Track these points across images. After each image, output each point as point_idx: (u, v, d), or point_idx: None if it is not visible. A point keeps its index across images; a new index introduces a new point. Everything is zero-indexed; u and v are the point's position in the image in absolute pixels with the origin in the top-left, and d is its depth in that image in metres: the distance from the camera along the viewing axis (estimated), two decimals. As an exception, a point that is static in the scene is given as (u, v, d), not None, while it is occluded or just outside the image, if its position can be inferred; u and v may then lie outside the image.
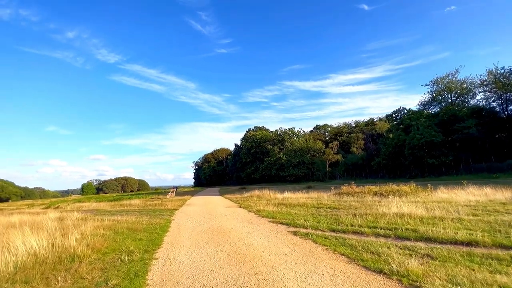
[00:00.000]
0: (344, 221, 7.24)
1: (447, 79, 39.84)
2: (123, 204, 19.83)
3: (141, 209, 14.51)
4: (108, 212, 13.72)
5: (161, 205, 16.10)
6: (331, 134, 72.83)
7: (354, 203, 11.65)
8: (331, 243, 5.14)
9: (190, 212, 11.51)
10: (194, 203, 16.44)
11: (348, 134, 65.30)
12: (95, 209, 17.47)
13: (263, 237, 5.90)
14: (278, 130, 67.30)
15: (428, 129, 32.80)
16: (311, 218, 8.06)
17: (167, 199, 23.38)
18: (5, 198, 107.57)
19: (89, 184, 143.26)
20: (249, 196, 18.16)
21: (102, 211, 15.34)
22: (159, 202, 17.85)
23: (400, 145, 35.95)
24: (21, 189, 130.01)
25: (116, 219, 9.46)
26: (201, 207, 13.51)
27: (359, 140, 59.98)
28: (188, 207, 14.27)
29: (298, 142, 59.38)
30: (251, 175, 65.10)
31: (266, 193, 18.30)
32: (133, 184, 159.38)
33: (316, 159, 54.73)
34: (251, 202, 14.53)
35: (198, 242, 5.69)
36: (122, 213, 12.82)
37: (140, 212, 12.57)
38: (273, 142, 63.94)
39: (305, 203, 12.64)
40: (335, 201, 13.04)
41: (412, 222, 6.55)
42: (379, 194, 13.60)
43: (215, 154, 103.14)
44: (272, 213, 9.65)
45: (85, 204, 23.76)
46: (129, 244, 5.71)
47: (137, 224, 8.14)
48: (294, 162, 55.13)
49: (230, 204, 14.39)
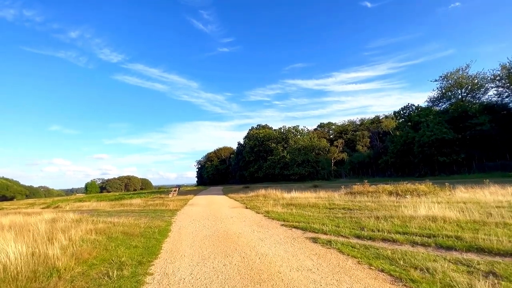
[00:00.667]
0: (367, 225, 6.36)
1: (458, 75, 38.47)
2: (124, 204, 19.13)
3: (141, 209, 13.76)
4: (107, 213, 12.98)
5: (163, 205, 15.33)
6: (335, 132, 71.69)
7: (370, 204, 10.74)
8: (361, 254, 4.27)
9: (193, 214, 10.69)
10: (197, 203, 15.65)
11: (353, 132, 64.10)
12: (94, 209, 16.78)
13: (278, 245, 5.05)
14: (282, 128, 66.28)
15: (438, 126, 31.64)
16: (328, 221, 7.19)
17: (169, 198, 22.64)
18: (10, 197, 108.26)
19: (92, 183, 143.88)
20: (254, 196, 17.32)
21: (101, 211, 14.62)
22: (160, 202, 17.09)
23: (409, 142, 34.83)
24: (26, 188, 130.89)
25: (112, 221, 8.68)
26: (205, 208, 12.70)
27: (365, 138, 58.79)
28: (190, 207, 13.47)
29: (303, 140, 58.34)
30: (255, 174, 64.28)
31: (272, 192, 17.45)
32: (136, 183, 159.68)
33: (321, 158, 53.73)
34: (257, 202, 13.69)
35: (202, 252, 4.86)
36: (120, 214, 12.06)
37: (139, 213, 11.80)
38: (276, 140, 62.98)
39: (316, 203, 11.76)
40: (348, 201, 12.14)
41: (449, 227, 5.64)
42: (394, 194, 12.67)
43: (218, 153, 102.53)
44: (282, 215, 8.79)
45: (85, 203, 23.13)
46: (122, 252, 4.90)
47: (134, 228, 7.33)
48: (298, 161, 54.18)
49: (235, 205, 13.56)
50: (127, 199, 25.12)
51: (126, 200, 23.34)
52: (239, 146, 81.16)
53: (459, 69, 38.76)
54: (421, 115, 36.49)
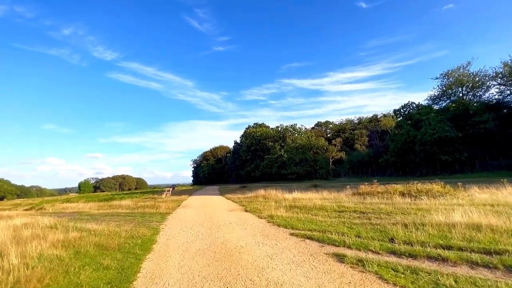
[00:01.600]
0: (396, 234, 5.21)
1: (459, 72, 37.84)
2: (112, 205, 17.74)
3: (128, 212, 12.43)
4: (89, 216, 11.65)
5: (153, 207, 14.02)
6: (333, 131, 70.91)
7: (384, 206, 9.63)
8: (413, 283, 3.09)
9: (186, 218, 9.44)
10: (191, 205, 14.37)
11: (351, 131, 63.34)
12: (78, 211, 15.37)
13: (294, 266, 3.84)
14: (279, 127, 65.17)
15: (440, 124, 30.87)
16: (345, 229, 6.03)
17: (161, 199, 21.30)
18: (0, 197, 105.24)
19: (86, 183, 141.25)
20: (253, 197, 16.11)
21: (85, 214, 13.25)
22: (151, 204, 15.76)
23: (410, 141, 34.03)
24: (17, 188, 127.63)
25: (90, 228, 7.39)
26: (199, 210, 11.44)
27: (363, 137, 58.07)
28: (183, 209, 12.20)
29: (300, 139, 57.32)
30: (251, 173, 63.08)
31: (272, 193, 16.27)
32: (131, 182, 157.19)
33: (319, 157, 52.76)
34: (257, 204, 12.49)
35: (193, 277, 3.62)
36: (104, 218, 10.76)
37: (125, 217, 10.50)
38: (274, 139, 61.86)
39: (323, 205, 10.61)
40: (358, 203, 11.03)
41: (505, 240, 4.52)
42: (407, 195, 11.61)
43: (214, 152, 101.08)
44: (289, 221, 7.60)
45: (72, 204, 21.63)
46: (85, 278, 3.65)
47: (113, 238, 6.06)
48: (296, 160, 53.16)
49: (233, 207, 12.34)
50: (117, 200, 23.68)
51: (115, 201, 21.90)
52: (235, 145, 79.87)
53: (460, 67, 38.15)
54: (422, 113, 35.74)
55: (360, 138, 58.01)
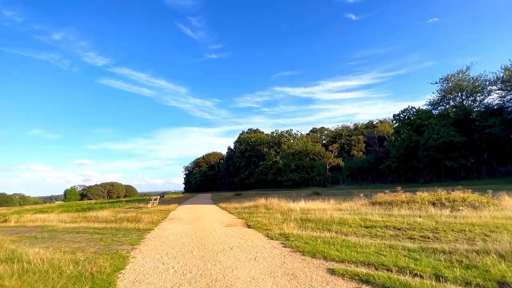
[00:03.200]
0: (504, 275, 3.23)
1: (458, 77, 37.22)
2: (88, 217, 15.18)
3: (101, 227, 10.04)
4: (50, 233, 9.25)
5: (134, 219, 11.66)
6: (328, 137, 69.71)
7: (422, 220, 7.69)
8: None
9: (170, 237, 7.19)
10: (179, 217, 12.06)
11: (347, 137, 62.19)
12: (43, 225, 12.80)
13: None
14: (274, 133, 63.50)
15: (444, 128, 29.68)
16: (404, 259, 4.00)
17: (147, 209, 18.81)
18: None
19: (72, 190, 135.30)
20: (253, 207, 13.91)
21: (48, 229, 10.78)
22: (133, 215, 13.35)
23: (413, 146, 32.71)
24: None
25: (29, 256, 5.10)
26: (189, 226, 9.18)
27: (360, 143, 56.89)
28: (169, 224, 9.92)
29: (296, 144, 55.64)
30: (246, 180, 60.74)
31: (274, 202, 14.12)
32: (120, 189, 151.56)
33: (316, 163, 51.07)
34: (260, 216, 10.34)
35: None
36: (66, 235, 8.40)
37: (93, 235, 8.17)
38: (269, 145, 60.02)
39: (343, 219, 8.59)
40: (383, 215, 9.06)
41: None
42: (439, 205, 9.74)
43: (207, 158, 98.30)
44: (313, 243, 5.50)
45: (42, 216, 18.81)
46: None
47: (46, 280, 3.83)
48: (292, 166, 51.28)
49: (230, 220, 10.13)
50: (97, 210, 20.99)
51: (94, 211, 19.24)
52: (229, 151, 77.55)
53: (459, 72, 37.54)
54: (423, 118, 34.67)
55: (357, 144, 56.80)
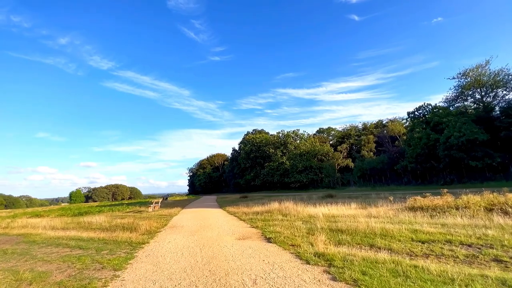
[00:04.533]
0: None
1: (477, 72, 35.00)
2: (81, 223, 13.64)
3: (89, 237, 8.41)
4: (27, 245, 7.67)
5: (130, 227, 10.04)
6: (336, 137, 67.59)
7: (498, 234, 5.87)
8: None
9: (167, 258, 5.50)
10: (181, 225, 10.39)
11: (356, 137, 60.03)
12: (28, 232, 11.27)
13: None
14: (280, 133, 61.70)
15: (466, 125, 27.54)
16: None
17: (147, 213, 17.23)
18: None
19: (77, 192, 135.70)
20: (266, 212, 12.13)
21: (30, 238, 9.22)
22: (130, 221, 11.74)
23: (431, 145, 30.60)
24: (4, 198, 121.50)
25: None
26: (192, 238, 7.48)
27: (370, 142, 54.71)
28: (169, 234, 8.25)
29: (304, 145, 53.75)
30: (251, 182, 59.01)
31: (290, 206, 12.35)
32: (125, 192, 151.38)
33: (325, 164, 49.08)
34: (277, 224, 8.60)
35: None
36: (42, 249, 6.81)
37: (73, 249, 6.54)
38: (274, 145, 58.22)
39: (385, 229, 6.80)
40: (434, 224, 7.24)
41: None
42: (500, 211, 7.88)
43: (211, 160, 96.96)
44: (376, 273, 3.74)
45: (35, 221, 17.38)
46: None
47: None
48: (300, 167, 49.39)
49: (243, 230, 8.41)
50: (94, 214, 19.50)
51: (90, 215, 17.73)
52: (233, 152, 75.99)
53: (478, 66, 35.32)
54: (441, 115, 32.55)
55: (367, 144, 54.62)
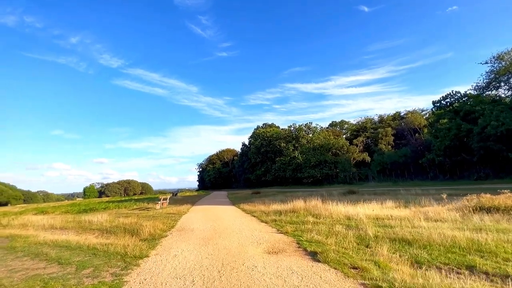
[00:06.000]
0: None
1: (514, 55, 31.55)
2: (81, 222, 12.27)
3: (78, 244, 6.80)
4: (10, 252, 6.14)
5: (131, 228, 8.44)
6: (350, 131, 64.63)
7: None
8: None
9: (172, 286, 3.75)
10: (191, 228, 8.66)
11: (373, 130, 57.00)
12: (19, 234, 9.88)
13: None
14: (292, 126, 59.42)
15: (506, 114, 24.58)
16: None
17: (154, 210, 15.74)
18: (4, 202, 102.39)
19: (91, 187, 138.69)
20: (290, 212, 10.22)
21: (13, 244, 7.75)
22: (133, 221, 10.17)
23: (462, 136, 27.75)
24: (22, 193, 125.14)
25: None
26: (205, 250, 5.68)
27: (388, 135, 51.66)
28: (176, 242, 6.51)
29: (318, 138, 51.35)
30: (262, 177, 57.26)
31: (318, 205, 10.42)
32: (136, 187, 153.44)
33: (340, 158, 46.63)
34: (312, 230, 6.70)
35: None
36: (11, 262, 5.23)
37: (47, 265, 4.91)
38: (286, 139, 56.06)
39: (476, 241, 4.80)
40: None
41: None
42: None
43: (220, 155, 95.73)
44: None
45: (37, 218, 16.26)
46: None
47: None
48: (313, 162, 47.15)
49: (270, 236, 6.55)
50: (99, 211, 18.27)
51: (94, 213, 16.43)
52: (243, 147, 74.33)
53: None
54: (473, 103, 29.52)
55: (385, 137, 51.61)
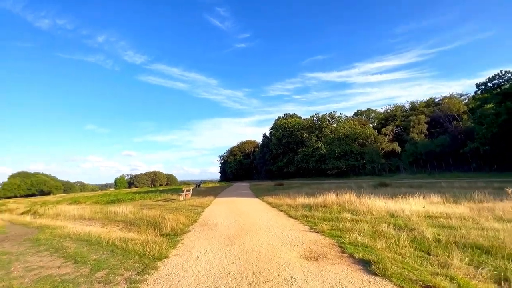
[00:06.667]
0: None
1: None
2: (108, 213, 12.40)
3: (98, 240, 6.51)
4: (24, 248, 5.98)
5: (155, 221, 8.09)
6: (378, 119, 60.80)
7: None
8: None
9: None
10: (215, 222, 8.08)
11: (403, 118, 53.01)
12: (47, 224, 10.06)
13: None
14: (314, 116, 57.21)
15: None
16: None
17: (178, 202, 15.63)
18: (47, 192, 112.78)
19: (121, 178, 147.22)
20: (321, 206, 9.22)
21: (39, 235, 7.74)
22: (155, 213, 9.88)
23: (515, 122, 24.37)
24: (62, 183, 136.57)
25: None
26: (232, 251, 4.98)
27: (421, 123, 47.66)
28: (199, 239, 5.91)
29: (343, 128, 48.90)
30: (284, 168, 56.25)
31: (352, 199, 9.34)
32: (162, 178, 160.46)
33: (367, 149, 44.05)
34: (353, 229, 5.69)
35: None
36: (34, 255, 4.96)
37: (64, 264, 4.53)
38: (308, 130, 54.16)
39: None
40: None
41: None
42: None
43: (241, 147, 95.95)
44: None
45: (69, 208, 16.95)
46: None
47: None
48: (338, 153, 45.09)
49: (305, 238, 5.68)
50: (125, 202, 18.66)
51: (121, 204, 16.76)
52: (264, 138, 73.51)
53: None
54: (528, 84, 25.70)
55: (417, 125, 47.69)
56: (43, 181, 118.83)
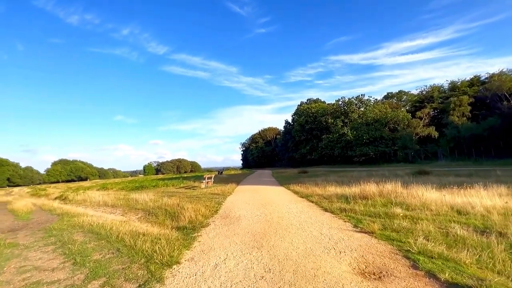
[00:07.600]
0: None
1: None
2: (130, 200, 12.16)
3: (109, 233, 5.88)
4: (34, 239, 5.53)
5: (173, 211, 7.42)
6: (411, 102, 55.70)
7: None
8: None
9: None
10: (237, 215, 7.13)
11: (442, 100, 47.88)
12: (68, 212, 9.90)
13: None
14: (340, 101, 53.84)
15: None
16: None
17: (200, 189, 15.09)
18: (85, 177, 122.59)
19: (149, 166, 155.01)
20: (361, 198, 7.89)
21: (56, 224, 7.41)
22: (175, 202, 9.23)
23: None
24: (97, 170, 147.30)
25: None
26: (261, 259, 3.95)
27: (463, 105, 42.59)
28: (219, 240, 4.97)
29: (372, 112, 45.45)
30: (307, 155, 54.41)
31: (398, 190, 7.85)
32: (186, 165, 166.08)
33: (400, 134, 40.57)
34: (413, 229, 4.37)
35: None
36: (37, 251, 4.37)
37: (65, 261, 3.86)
38: (333, 115, 51.26)
39: None
40: None
41: None
42: None
43: (263, 134, 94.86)
44: None
45: (96, 194, 17.27)
46: None
47: None
48: (366, 139, 42.17)
49: (351, 240, 4.44)
50: (149, 189, 18.67)
51: (142, 191, 16.70)
52: (286, 124, 71.58)
53: None
54: None
55: (458, 107, 42.71)
56: (80, 168, 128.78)
